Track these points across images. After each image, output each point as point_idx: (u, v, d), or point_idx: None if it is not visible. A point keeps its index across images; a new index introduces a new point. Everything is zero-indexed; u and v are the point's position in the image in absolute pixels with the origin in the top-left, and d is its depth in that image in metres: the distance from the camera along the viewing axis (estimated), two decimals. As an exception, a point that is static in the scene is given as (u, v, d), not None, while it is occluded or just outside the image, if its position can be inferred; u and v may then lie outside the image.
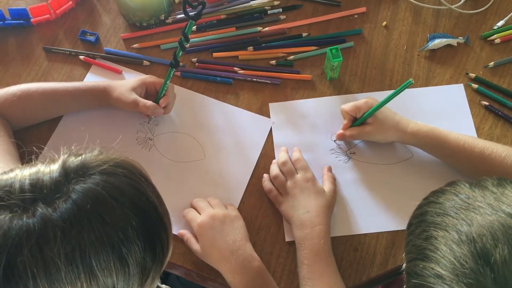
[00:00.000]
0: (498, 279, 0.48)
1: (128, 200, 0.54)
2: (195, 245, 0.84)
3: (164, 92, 0.92)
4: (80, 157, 0.55)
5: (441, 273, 0.52)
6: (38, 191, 0.50)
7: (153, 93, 0.94)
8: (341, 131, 0.93)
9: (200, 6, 0.83)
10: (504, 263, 0.48)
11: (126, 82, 0.93)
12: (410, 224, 0.61)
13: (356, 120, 0.92)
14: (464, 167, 0.88)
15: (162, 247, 0.57)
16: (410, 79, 0.82)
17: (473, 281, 0.49)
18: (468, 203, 0.55)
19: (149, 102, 0.91)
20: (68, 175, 0.53)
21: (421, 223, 0.58)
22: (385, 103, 0.88)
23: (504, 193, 0.55)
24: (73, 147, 0.58)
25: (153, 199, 0.57)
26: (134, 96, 0.91)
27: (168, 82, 0.91)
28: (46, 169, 0.53)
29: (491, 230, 0.51)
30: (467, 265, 0.50)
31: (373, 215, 0.90)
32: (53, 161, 0.55)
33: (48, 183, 0.51)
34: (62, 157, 0.55)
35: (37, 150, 0.70)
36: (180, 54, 0.88)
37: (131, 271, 0.52)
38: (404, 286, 0.59)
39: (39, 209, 0.49)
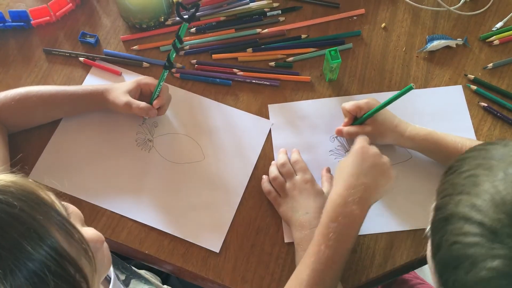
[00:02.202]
0: None
1: None
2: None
3: (157, 93, 0.92)
4: None
5: (476, 203, 0.51)
6: None
7: (148, 95, 0.94)
8: (341, 127, 0.94)
9: (194, 9, 0.83)
10: None
11: (122, 85, 0.93)
12: (450, 167, 0.59)
13: (356, 120, 0.93)
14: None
15: (58, 280, 0.49)
16: (411, 84, 0.82)
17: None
18: None
19: (142, 104, 0.90)
20: None
21: (464, 164, 0.57)
22: (385, 106, 0.88)
23: None
24: None
25: (39, 231, 0.49)
26: (127, 98, 0.90)
27: (161, 83, 0.91)
28: None
29: None
30: (508, 199, 0.49)
31: (372, 216, 0.89)
32: None
33: None
34: None
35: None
36: (173, 56, 0.89)
37: None
38: (429, 224, 0.58)
39: None
